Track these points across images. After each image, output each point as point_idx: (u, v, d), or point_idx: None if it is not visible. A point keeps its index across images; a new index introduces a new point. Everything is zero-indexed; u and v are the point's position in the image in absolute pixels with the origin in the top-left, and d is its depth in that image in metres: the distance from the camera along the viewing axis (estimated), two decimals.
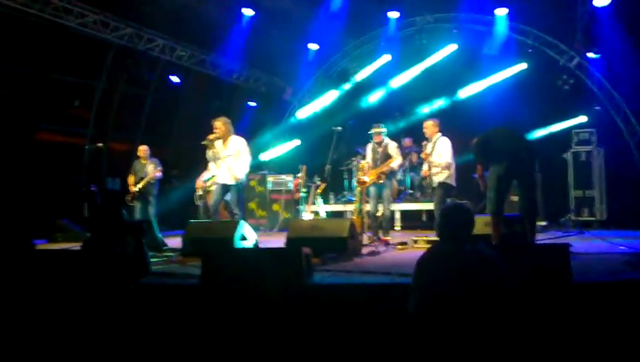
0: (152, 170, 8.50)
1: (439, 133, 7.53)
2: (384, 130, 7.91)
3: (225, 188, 7.14)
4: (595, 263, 4.97)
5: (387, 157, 7.65)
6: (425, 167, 7.71)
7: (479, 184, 6.22)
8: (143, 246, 3.87)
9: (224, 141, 7.21)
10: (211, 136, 7.16)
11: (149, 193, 8.51)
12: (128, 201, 8.40)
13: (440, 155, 7.33)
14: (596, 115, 10.40)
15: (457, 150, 7.59)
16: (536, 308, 3.63)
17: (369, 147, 8.02)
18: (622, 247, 6.13)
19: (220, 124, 7.23)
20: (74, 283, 3.68)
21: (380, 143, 7.81)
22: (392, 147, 7.80)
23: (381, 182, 7.58)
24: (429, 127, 7.60)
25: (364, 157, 9.51)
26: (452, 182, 7.35)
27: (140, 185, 8.39)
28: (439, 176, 7.35)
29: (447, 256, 2.93)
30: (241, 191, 7.33)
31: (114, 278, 3.67)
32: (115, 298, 3.62)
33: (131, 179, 8.64)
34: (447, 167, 7.29)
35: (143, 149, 8.82)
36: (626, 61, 9.50)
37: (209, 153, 7.21)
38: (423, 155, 7.59)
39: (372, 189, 7.70)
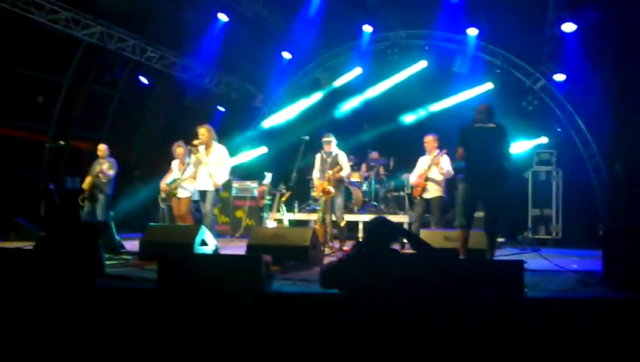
0: (98, 169, 8.44)
1: (438, 149, 7.76)
2: (333, 139, 8.13)
3: (203, 194, 7.30)
4: (548, 280, 5.07)
5: (335, 166, 7.83)
6: (413, 178, 7.93)
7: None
8: (99, 246, 3.81)
9: (207, 148, 7.40)
10: (196, 142, 7.34)
11: (100, 191, 8.40)
12: (80, 201, 8.26)
13: (441, 172, 7.60)
14: (557, 137, 10.68)
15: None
16: (489, 321, 3.71)
17: (318, 156, 8.19)
18: (574, 266, 6.29)
19: (204, 130, 7.42)
20: (25, 283, 3.59)
21: (328, 153, 8.04)
22: (342, 157, 8.04)
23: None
24: (430, 141, 7.82)
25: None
26: (445, 195, 7.74)
27: (90, 184, 8.33)
28: (437, 191, 7.61)
29: (369, 259, 3.45)
30: (218, 196, 7.47)
31: (67, 278, 3.59)
32: (68, 298, 3.54)
33: (88, 179, 8.54)
34: (445, 183, 7.66)
35: (101, 148, 8.77)
36: (589, 85, 9.79)
37: (193, 158, 7.43)
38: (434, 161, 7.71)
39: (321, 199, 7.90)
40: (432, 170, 7.64)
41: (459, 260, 5.14)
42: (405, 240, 3.78)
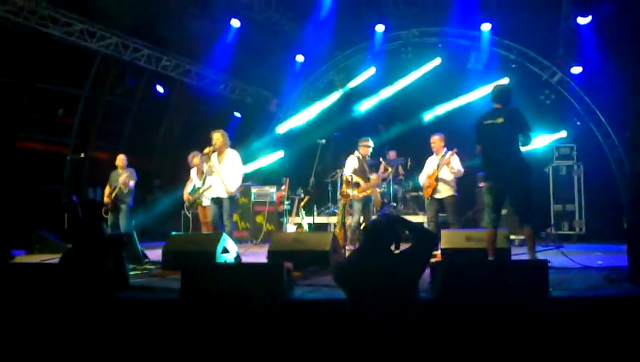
0: (123, 179, 8.49)
1: (445, 148, 7.72)
2: (372, 143, 8.23)
3: (219, 201, 7.20)
4: (572, 278, 5.01)
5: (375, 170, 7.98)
6: (422, 179, 7.87)
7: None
8: (123, 259, 3.84)
9: (220, 153, 7.28)
10: (207, 150, 7.23)
11: (121, 202, 8.48)
12: (104, 213, 8.38)
13: (451, 171, 7.53)
14: (577, 130, 10.55)
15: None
16: (514, 322, 3.68)
17: (355, 160, 8.07)
18: (600, 262, 6.20)
19: (218, 135, 7.29)
20: (52, 297, 3.63)
21: (365, 157, 8.07)
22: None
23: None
24: (437, 141, 7.77)
25: None
26: (457, 193, 7.65)
27: (112, 195, 8.40)
28: (449, 190, 7.55)
29: (372, 259, 3.46)
30: (234, 204, 7.38)
31: (92, 292, 3.63)
32: (93, 311, 3.58)
33: (107, 190, 8.63)
34: (455, 181, 7.59)
35: (120, 158, 8.82)
36: (606, 77, 9.66)
37: (205, 167, 7.31)
38: (444, 161, 7.63)
39: (357, 203, 7.80)
40: (443, 169, 7.57)
41: (477, 261, 5.08)
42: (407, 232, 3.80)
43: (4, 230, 8.67)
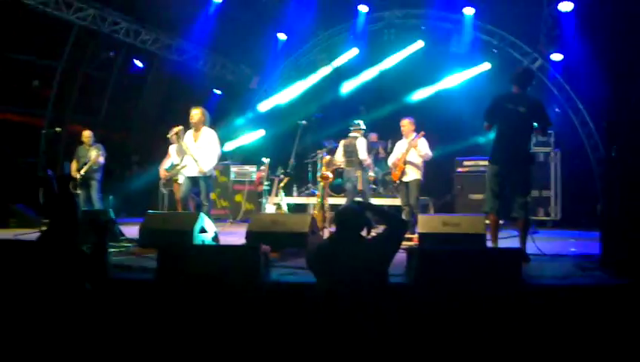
0: (95, 156, 8.48)
1: (415, 133, 7.74)
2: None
3: (194, 180, 7.08)
4: (546, 266, 5.10)
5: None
6: (390, 162, 7.94)
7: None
8: (105, 247, 3.78)
9: (196, 130, 7.10)
10: (175, 130, 7.05)
11: (91, 178, 8.53)
12: (72, 189, 8.36)
13: (419, 154, 7.60)
14: (555, 117, 10.64)
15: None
16: (488, 309, 3.75)
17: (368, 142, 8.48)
18: (573, 249, 6.32)
19: (198, 111, 7.12)
20: (24, 278, 3.57)
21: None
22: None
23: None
24: (407, 125, 7.82)
25: (329, 151, 9.57)
26: (422, 178, 7.73)
27: (82, 171, 8.40)
28: (415, 174, 7.60)
29: (342, 245, 3.55)
30: (210, 183, 7.26)
31: (67, 276, 3.56)
32: (66, 296, 3.52)
33: (74, 165, 8.63)
34: (423, 165, 7.67)
35: (86, 135, 8.84)
36: (586, 65, 9.73)
37: (177, 145, 7.15)
38: (412, 144, 7.69)
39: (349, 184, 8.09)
40: (411, 152, 7.64)
41: (452, 247, 5.12)
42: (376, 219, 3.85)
43: None
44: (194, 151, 7.01)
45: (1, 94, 10.54)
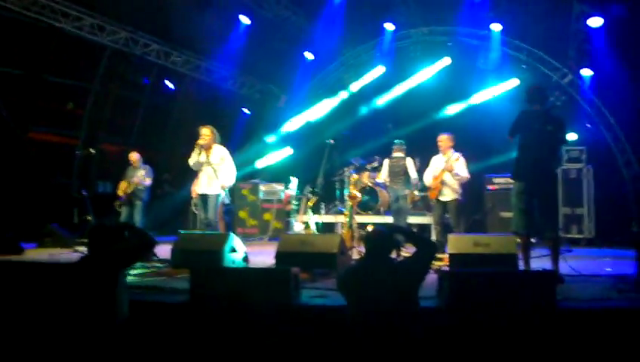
0: (139, 176, 8.58)
1: (452, 149, 7.63)
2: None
3: (204, 198, 7.15)
4: (581, 287, 5.00)
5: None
6: (427, 179, 7.81)
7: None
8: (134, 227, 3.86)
9: (207, 149, 7.18)
10: (200, 142, 7.13)
11: (136, 198, 8.60)
12: (117, 207, 8.49)
13: (455, 177, 7.48)
14: (587, 133, 10.48)
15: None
16: (522, 334, 3.69)
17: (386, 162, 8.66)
18: (608, 269, 6.18)
19: (208, 131, 7.22)
20: (64, 299, 3.61)
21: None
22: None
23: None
24: (445, 140, 7.68)
25: (358, 168, 9.60)
26: (462, 197, 7.61)
27: (127, 191, 8.50)
28: (454, 194, 7.50)
29: (372, 268, 3.55)
30: (218, 201, 7.23)
31: (104, 304, 3.58)
32: (102, 321, 3.55)
33: (123, 185, 8.73)
34: (461, 185, 7.52)
35: (134, 157, 8.92)
36: (618, 80, 9.58)
37: (194, 160, 7.18)
38: (447, 167, 7.55)
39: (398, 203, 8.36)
40: (447, 174, 7.52)
41: (484, 269, 5.05)
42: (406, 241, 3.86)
43: (14, 223, 8.75)
44: (207, 169, 7.08)
45: (37, 116, 10.85)
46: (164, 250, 7.21)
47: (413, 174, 8.41)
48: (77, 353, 3.40)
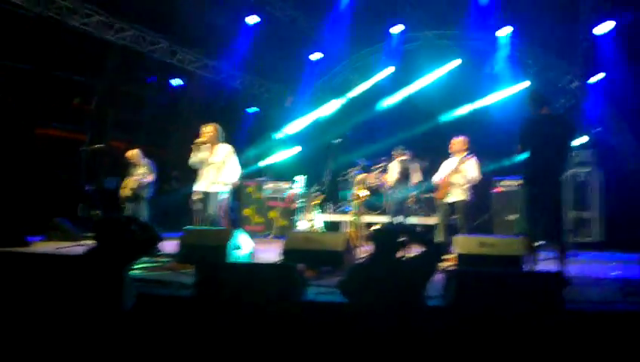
0: (143, 173, 8.55)
1: (467, 152, 7.54)
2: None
3: (205, 196, 7.07)
4: (588, 289, 4.96)
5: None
6: (436, 180, 7.79)
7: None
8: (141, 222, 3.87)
9: (211, 148, 7.10)
10: (199, 141, 7.06)
11: (140, 195, 8.57)
12: (121, 203, 8.48)
13: (465, 178, 7.42)
14: (596, 136, 10.41)
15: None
16: (527, 335, 3.66)
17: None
18: (614, 273, 6.13)
19: (211, 128, 7.14)
20: (69, 290, 3.62)
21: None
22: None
23: None
24: (458, 143, 7.61)
25: (364, 168, 9.57)
26: (470, 198, 7.54)
27: (131, 187, 8.49)
28: (461, 195, 7.44)
29: (379, 266, 3.60)
30: (220, 199, 7.14)
31: (110, 296, 3.58)
32: (107, 312, 3.55)
33: (126, 182, 8.73)
34: (470, 186, 7.47)
35: (131, 154, 8.82)
36: (627, 84, 9.53)
37: (194, 159, 7.10)
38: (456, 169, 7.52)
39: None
40: (456, 175, 7.47)
41: (490, 270, 5.02)
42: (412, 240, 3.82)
43: (22, 217, 8.77)
44: (211, 167, 7.02)
45: (44, 111, 10.88)
46: (169, 246, 7.23)
47: (415, 178, 8.34)
48: (82, 344, 3.41)
